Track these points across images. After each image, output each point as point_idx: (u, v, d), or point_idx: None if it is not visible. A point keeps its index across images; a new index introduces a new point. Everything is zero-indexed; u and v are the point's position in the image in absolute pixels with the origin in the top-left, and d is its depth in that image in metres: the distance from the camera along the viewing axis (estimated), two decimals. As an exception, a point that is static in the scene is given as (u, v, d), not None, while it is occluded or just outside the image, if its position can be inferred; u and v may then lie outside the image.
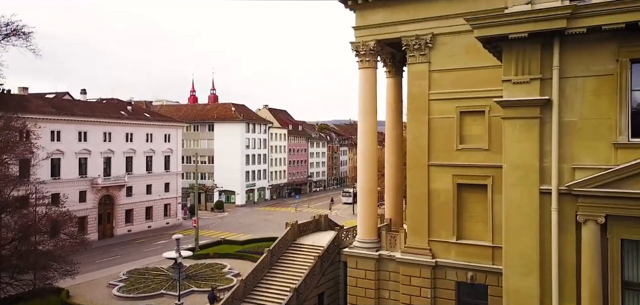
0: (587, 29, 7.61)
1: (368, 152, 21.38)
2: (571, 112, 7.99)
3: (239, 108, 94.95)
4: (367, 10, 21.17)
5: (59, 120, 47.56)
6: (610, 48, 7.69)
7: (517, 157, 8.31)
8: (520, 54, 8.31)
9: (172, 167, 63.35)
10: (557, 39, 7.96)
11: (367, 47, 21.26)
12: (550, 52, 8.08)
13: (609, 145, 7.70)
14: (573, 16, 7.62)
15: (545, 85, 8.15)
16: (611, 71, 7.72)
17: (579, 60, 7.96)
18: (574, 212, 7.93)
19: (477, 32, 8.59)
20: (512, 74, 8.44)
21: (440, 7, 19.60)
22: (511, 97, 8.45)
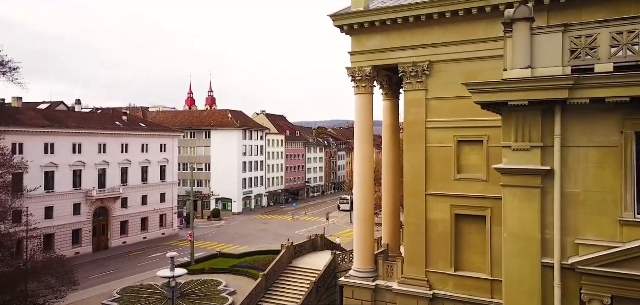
0: (590, 99, 7.26)
1: (365, 179, 21.01)
2: (574, 183, 7.64)
3: (236, 115, 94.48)
4: (363, 36, 20.82)
5: (53, 133, 47.01)
6: (615, 119, 7.34)
7: (518, 227, 7.95)
8: (521, 120, 7.95)
9: (168, 178, 62.82)
10: (559, 107, 7.61)
11: (363, 73, 20.90)
12: (552, 120, 7.72)
13: (614, 221, 7.35)
14: (575, 87, 7.27)
15: (546, 153, 7.79)
16: (615, 143, 7.37)
17: (581, 130, 7.61)
18: (578, 289, 7.58)
19: (476, 97, 8.24)
20: (512, 140, 8.07)
21: (437, 34, 19.27)
22: (511, 164, 8.08)
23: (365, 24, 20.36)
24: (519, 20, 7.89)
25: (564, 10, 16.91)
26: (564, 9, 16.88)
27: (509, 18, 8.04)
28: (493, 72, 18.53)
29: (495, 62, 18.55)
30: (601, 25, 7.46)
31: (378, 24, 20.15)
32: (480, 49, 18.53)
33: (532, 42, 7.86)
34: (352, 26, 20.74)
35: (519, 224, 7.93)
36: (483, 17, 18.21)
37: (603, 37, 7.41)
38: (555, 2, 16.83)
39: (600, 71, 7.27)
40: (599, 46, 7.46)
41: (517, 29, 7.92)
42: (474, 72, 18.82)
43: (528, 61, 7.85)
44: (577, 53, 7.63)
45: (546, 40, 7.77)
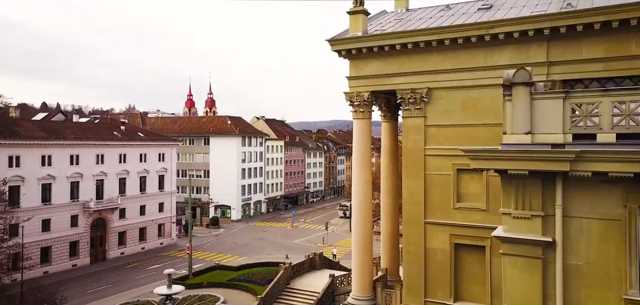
0: (593, 172, 7.02)
1: (363, 204, 20.74)
2: (577, 255, 7.39)
3: (235, 121, 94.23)
4: (360, 61, 20.56)
5: (50, 145, 46.73)
6: (618, 192, 7.10)
7: (519, 299, 7.70)
8: (521, 187, 7.71)
9: (167, 187, 62.57)
10: (560, 178, 7.37)
11: (361, 98, 20.65)
12: (553, 189, 7.48)
13: (619, 298, 7.10)
14: (577, 160, 7.03)
15: (547, 223, 7.55)
16: (619, 216, 7.12)
17: (584, 201, 7.37)
18: (581, 366, 7.34)
19: (475, 163, 8.00)
20: (512, 207, 7.83)
21: (436, 61, 19.02)
22: (511, 232, 7.83)
23: (363, 49, 20.12)
24: (519, 84, 7.66)
25: (564, 41, 16.68)
26: (564, 39, 16.64)
27: (508, 81, 7.81)
28: (492, 101, 18.36)
29: (494, 90, 18.34)
30: (603, 93, 7.23)
31: (376, 50, 19.90)
32: (479, 77, 18.28)
33: (532, 107, 7.63)
34: (350, 51, 20.49)
35: (519, 295, 7.69)
36: (482, 45, 17.97)
37: (605, 105, 7.18)
38: (555, 32, 16.58)
39: (602, 141, 7.03)
40: (601, 115, 7.23)
41: (516, 93, 7.68)
42: (472, 100, 18.61)
43: (528, 126, 7.61)
44: (579, 120, 7.39)
45: (546, 106, 7.54)
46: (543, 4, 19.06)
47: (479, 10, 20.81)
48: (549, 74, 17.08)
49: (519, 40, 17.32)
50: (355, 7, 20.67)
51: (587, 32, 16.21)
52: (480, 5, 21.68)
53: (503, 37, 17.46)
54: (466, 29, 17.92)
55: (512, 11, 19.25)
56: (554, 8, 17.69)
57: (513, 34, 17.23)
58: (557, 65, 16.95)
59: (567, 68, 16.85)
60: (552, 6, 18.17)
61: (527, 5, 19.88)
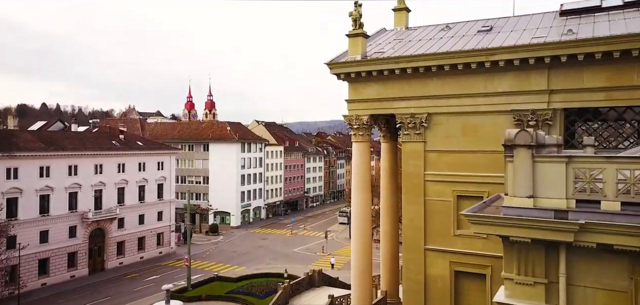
0: (597, 244, 6.82)
1: (361, 229, 20.54)
2: (581, 326, 7.20)
3: (235, 126, 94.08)
4: (359, 84, 20.38)
5: (49, 156, 46.53)
6: (624, 264, 6.92)
7: (521, 367, 7.50)
8: (523, 253, 7.51)
9: (166, 195, 62.36)
10: (564, 246, 7.17)
11: (360, 122, 20.46)
12: (557, 257, 7.29)
13: None
14: (582, 230, 6.83)
15: (551, 290, 7.36)
16: (625, 288, 6.94)
17: (588, 270, 7.18)
18: None
19: (476, 228, 7.80)
20: (514, 272, 7.63)
21: (436, 86, 18.83)
22: (513, 299, 7.64)
23: (362, 73, 19.93)
24: (520, 146, 7.48)
25: (565, 69, 16.49)
26: (565, 68, 16.46)
27: (510, 141, 7.62)
28: (492, 127, 18.18)
29: (495, 117, 18.19)
30: (607, 160, 7.04)
31: (375, 74, 19.72)
32: (479, 103, 18.11)
33: (534, 169, 7.44)
34: (349, 74, 20.31)
35: (521, 363, 7.49)
36: (482, 71, 17.79)
37: (609, 173, 7.00)
38: (556, 61, 16.40)
39: (606, 210, 6.84)
40: (605, 182, 7.04)
41: (518, 155, 7.51)
42: (473, 126, 18.43)
43: (530, 190, 7.42)
44: (582, 186, 7.21)
45: (549, 169, 7.35)
46: (543, 29, 18.90)
47: (479, 32, 20.65)
48: (550, 102, 16.91)
49: (519, 68, 17.13)
50: (354, 30, 20.49)
51: (588, 61, 16.02)
52: (480, 27, 21.53)
53: (503, 64, 17.28)
54: (466, 56, 17.74)
55: (512, 35, 19.08)
56: (554, 34, 17.52)
57: (513, 61, 17.05)
58: (558, 93, 16.77)
59: (568, 96, 16.67)
60: (552, 32, 18.00)
61: (527, 28, 19.73)
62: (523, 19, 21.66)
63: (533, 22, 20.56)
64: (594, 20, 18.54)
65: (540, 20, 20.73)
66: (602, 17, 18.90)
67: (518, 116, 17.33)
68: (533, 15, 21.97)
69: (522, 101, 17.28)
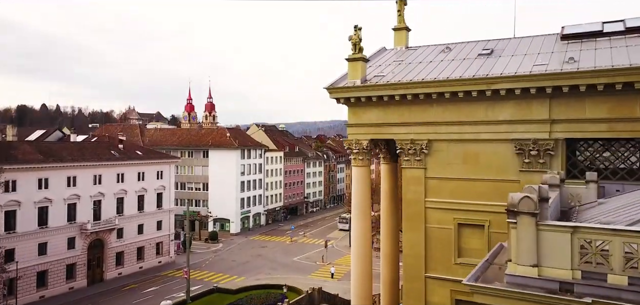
0: (604, 320, 6.65)
1: (361, 256, 20.36)
2: None
3: (234, 133, 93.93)
4: (359, 109, 20.21)
5: (47, 168, 46.33)
6: (630, 340, 6.73)
7: None
8: (527, 323, 7.33)
9: (165, 204, 62.14)
10: (569, 319, 7.00)
11: (360, 146, 20.30)
12: (561, 329, 7.10)
13: None
14: (588, 307, 6.66)
15: (555, 362, 7.16)
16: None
17: (594, 344, 6.99)
18: None
19: (479, 298, 7.61)
20: (518, 342, 7.45)
21: (436, 112, 18.67)
22: None
23: (362, 98, 19.78)
24: (524, 214, 7.32)
25: (566, 99, 16.33)
26: (567, 97, 16.31)
27: (513, 207, 7.46)
28: (493, 156, 18.03)
29: (496, 145, 18.02)
30: (613, 233, 6.88)
31: (375, 99, 19.57)
32: (480, 131, 17.95)
33: (538, 237, 7.28)
34: (349, 99, 20.15)
35: None
36: (483, 99, 17.64)
37: (615, 245, 6.83)
38: (558, 91, 16.25)
39: (613, 284, 6.67)
40: (612, 254, 6.88)
41: (521, 222, 7.35)
42: (474, 154, 18.27)
43: (534, 259, 7.26)
44: (588, 257, 7.04)
45: (554, 239, 7.19)
46: (544, 55, 18.75)
47: (480, 56, 20.50)
48: (552, 132, 16.75)
49: (520, 96, 16.98)
50: (354, 54, 20.33)
51: (590, 92, 15.88)
52: (480, 49, 21.38)
53: (504, 93, 17.12)
54: (467, 84, 17.58)
55: (513, 60, 18.93)
56: (555, 62, 17.36)
57: (515, 90, 16.89)
58: (559, 123, 16.62)
59: (570, 126, 16.51)
60: (553, 59, 17.85)
61: (528, 52, 19.59)
62: (524, 41, 21.51)
63: (534, 45, 20.42)
64: (595, 47, 18.39)
65: (541, 43, 20.58)
66: (603, 43, 18.76)
67: (519, 145, 17.18)
68: (534, 37, 21.82)
69: (523, 130, 17.12)
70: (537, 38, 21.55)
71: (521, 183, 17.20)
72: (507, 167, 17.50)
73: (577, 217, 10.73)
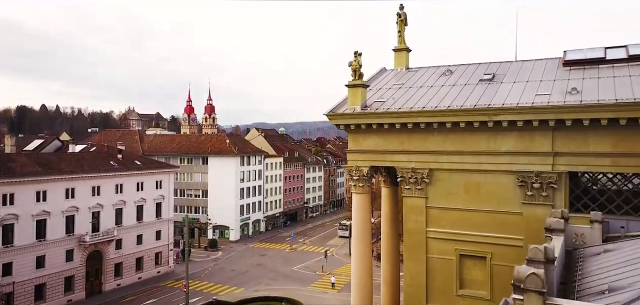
0: None
1: (361, 284, 20.12)
2: None
3: (234, 139, 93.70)
4: (359, 136, 19.99)
5: (46, 181, 46.07)
6: None
7: None
8: None
9: (164, 214, 61.87)
10: None
11: (360, 173, 20.08)
12: None
13: None
14: None
15: None
16: None
17: None
18: None
19: None
20: None
21: (437, 141, 18.45)
22: None
23: (362, 125, 19.56)
24: (531, 291, 7.09)
25: (569, 132, 16.11)
26: (570, 131, 16.08)
27: (519, 282, 7.23)
28: (495, 187, 17.79)
29: (498, 176, 17.76)
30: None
31: (375, 127, 19.35)
32: (482, 161, 17.72)
33: (545, 315, 7.04)
34: (349, 126, 19.94)
35: None
36: (485, 129, 17.41)
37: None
38: (561, 124, 16.03)
39: None
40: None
41: (528, 300, 7.11)
42: (475, 184, 18.04)
43: (541, 338, 7.01)
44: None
45: (561, 318, 6.96)
46: (547, 82, 18.53)
47: (481, 81, 20.29)
48: (554, 165, 16.53)
49: (523, 128, 16.76)
50: (354, 80, 20.10)
51: (593, 126, 15.66)
52: (482, 74, 21.16)
53: (506, 125, 16.90)
54: (468, 114, 17.35)
55: (515, 88, 18.70)
56: (558, 92, 17.13)
57: (516, 122, 16.68)
58: (562, 156, 16.39)
59: (574, 160, 16.29)
60: (556, 88, 17.62)
61: (530, 79, 19.37)
62: (526, 66, 21.29)
63: (536, 71, 20.20)
64: (598, 75, 18.17)
65: (543, 69, 20.37)
66: (606, 70, 18.54)
67: (522, 177, 16.95)
68: (536, 62, 21.60)
69: (526, 162, 16.90)
70: (539, 63, 21.34)
71: (524, 216, 17.02)
72: (510, 199, 17.28)
73: (582, 270, 10.50)
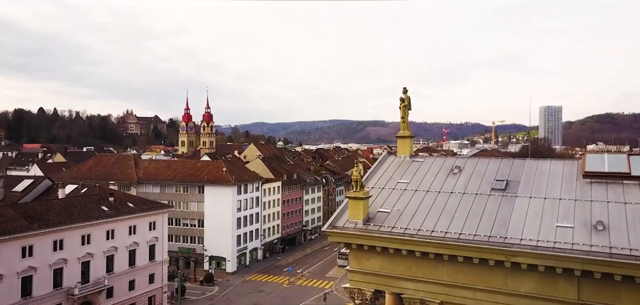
0: None
1: None
2: None
3: (231, 166, 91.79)
4: (362, 255, 18.24)
5: (32, 235, 44.14)
6: None
7: None
8: None
9: (158, 256, 59.93)
10: None
11: (363, 296, 18.31)
12: None
13: None
14: None
15: None
16: None
17: None
18: None
19: None
20: None
21: (448, 272, 16.68)
22: None
23: (365, 246, 17.81)
24: None
25: (598, 283, 14.37)
26: (599, 281, 14.34)
27: None
28: (514, 330, 16.08)
29: (516, 319, 16.11)
30: None
31: (379, 250, 17.60)
32: (498, 301, 15.95)
33: None
34: (350, 245, 18.18)
35: None
36: (501, 267, 15.66)
37: None
38: (588, 275, 14.29)
39: None
40: None
41: None
42: (490, 325, 16.25)
43: None
44: None
45: None
46: (567, 204, 16.81)
47: (493, 191, 18.61)
48: (581, 315, 14.81)
49: (544, 272, 15.03)
50: (355, 192, 18.37)
51: (626, 281, 13.94)
52: (494, 181, 19.43)
53: (526, 268, 15.18)
54: (481, 251, 15.62)
55: (533, 208, 16.99)
56: (581, 224, 15.41)
57: (528, 265, 14.99)
58: (590, 307, 14.66)
59: (603, 312, 14.56)
60: (578, 217, 15.86)
61: (547, 196, 17.63)
62: (541, 170, 19.59)
63: (553, 181, 18.46)
64: (624, 199, 16.46)
65: (561, 176, 18.68)
66: (632, 191, 16.85)
67: (544, 325, 15.22)
68: (552, 164, 19.90)
69: (548, 308, 15.17)
70: (556, 167, 19.64)
71: (546, 368, 15.32)
72: (530, 346, 15.51)
73: None
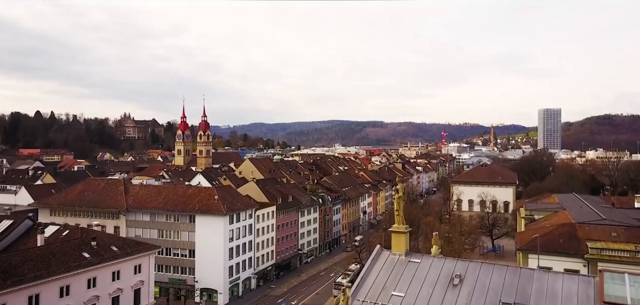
0: None
1: None
2: None
3: (223, 194, 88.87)
4: None
5: (5, 293, 41.36)
6: None
7: None
8: None
9: (143, 300, 57.12)
10: None
11: None
12: None
13: None
14: None
15: None
16: None
17: None
18: None
19: None
20: None
21: None
22: None
23: None
24: None
25: None
26: None
27: None
28: None
29: None
30: None
31: None
32: None
33: None
34: None
35: None
36: None
37: None
38: None
39: None
40: None
41: None
42: None
43: None
44: None
45: None
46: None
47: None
48: None
49: None
50: None
51: None
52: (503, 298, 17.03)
53: None
54: None
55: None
56: None
57: None
58: None
59: None
60: None
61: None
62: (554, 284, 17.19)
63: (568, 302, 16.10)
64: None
65: (577, 297, 16.30)
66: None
67: None
68: (564, 277, 17.50)
69: None
70: (570, 284, 17.22)
71: None
72: None
73: None
